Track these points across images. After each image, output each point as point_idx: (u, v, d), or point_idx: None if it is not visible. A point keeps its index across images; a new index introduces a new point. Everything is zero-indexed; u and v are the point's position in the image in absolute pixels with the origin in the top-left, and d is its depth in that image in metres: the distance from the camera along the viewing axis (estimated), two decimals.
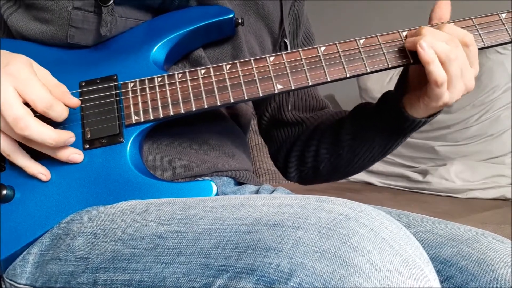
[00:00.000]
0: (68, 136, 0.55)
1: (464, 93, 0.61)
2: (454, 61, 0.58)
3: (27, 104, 0.53)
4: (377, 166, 2.02)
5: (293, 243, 0.38)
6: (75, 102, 0.57)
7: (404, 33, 0.62)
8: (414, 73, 0.65)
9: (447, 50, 0.57)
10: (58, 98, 0.55)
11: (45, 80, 0.56)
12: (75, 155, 0.57)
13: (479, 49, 0.62)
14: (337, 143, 0.76)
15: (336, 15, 2.52)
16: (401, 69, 0.68)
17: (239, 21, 0.67)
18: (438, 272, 0.55)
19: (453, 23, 0.62)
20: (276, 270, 0.38)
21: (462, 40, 0.59)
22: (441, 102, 0.60)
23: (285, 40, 0.77)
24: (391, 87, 0.71)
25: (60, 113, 0.55)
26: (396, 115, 0.66)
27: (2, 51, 0.56)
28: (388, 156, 2.00)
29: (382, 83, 2.03)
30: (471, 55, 0.60)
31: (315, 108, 0.85)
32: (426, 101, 0.62)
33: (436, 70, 0.57)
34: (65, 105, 0.56)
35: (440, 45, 0.58)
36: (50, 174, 0.57)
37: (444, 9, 0.63)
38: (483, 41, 0.62)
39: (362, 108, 0.76)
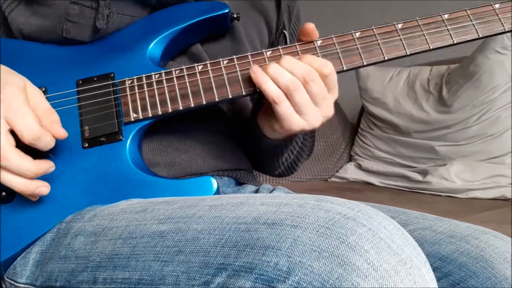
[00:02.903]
0: (47, 166, 0.54)
1: (324, 120, 0.62)
2: (296, 92, 0.58)
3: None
4: (377, 166, 2.02)
5: (291, 242, 0.39)
6: (62, 134, 0.55)
7: (400, 25, 0.63)
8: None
9: (287, 82, 0.57)
10: (47, 126, 0.54)
11: (37, 105, 0.54)
12: (42, 188, 0.54)
13: (475, 39, 0.63)
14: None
15: (333, 10, 2.52)
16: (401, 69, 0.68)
17: (235, 16, 0.67)
18: (437, 269, 0.55)
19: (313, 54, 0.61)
20: (275, 269, 0.38)
21: (320, 71, 0.59)
22: (295, 127, 0.60)
23: (284, 31, 0.77)
24: (391, 86, 0.73)
25: (47, 144, 0.54)
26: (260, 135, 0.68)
27: None
28: (388, 156, 2.02)
29: (383, 83, 2.03)
30: (330, 83, 0.60)
31: None
32: (280, 127, 0.62)
33: (269, 89, 0.58)
34: (53, 136, 0.54)
35: (284, 77, 0.58)
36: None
37: (311, 35, 0.62)
38: (477, 32, 0.63)
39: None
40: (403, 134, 1.97)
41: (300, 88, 0.58)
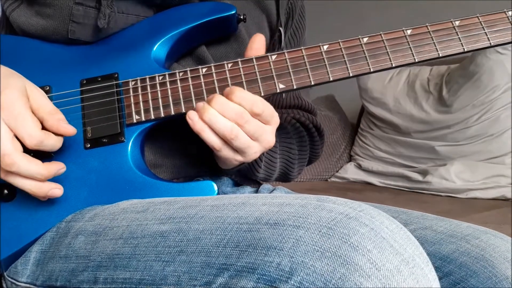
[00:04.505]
0: (57, 168, 0.54)
1: (264, 151, 0.60)
2: (234, 140, 0.56)
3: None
4: (377, 166, 2.02)
5: (293, 242, 0.39)
6: (71, 130, 0.55)
7: (409, 31, 0.61)
8: None
9: (225, 131, 0.55)
10: (53, 127, 0.54)
11: (40, 106, 0.54)
12: (55, 190, 0.54)
13: (486, 48, 0.61)
14: None
15: (339, 14, 2.52)
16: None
17: (241, 17, 0.66)
18: (438, 269, 0.55)
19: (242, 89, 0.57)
20: (277, 269, 0.38)
21: (251, 111, 0.56)
22: (236, 162, 0.59)
23: (280, 28, 0.76)
24: (391, 86, 0.72)
25: (52, 146, 0.53)
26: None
27: None
28: (388, 156, 2.02)
29: (383, 83, 2.03)
30: (265, 118, 0.57)
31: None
32: (222, 162, 0.62)
33: (209, 138, 0.56)
34: (60, 135, 0.54)
35: (220, 125, 0.55)
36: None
37: (258, 44, 0.61)
38: (489, 40, 0.60)
39: None
40: (403, 134, 1.97)
41: (238, 133, 0.56)
